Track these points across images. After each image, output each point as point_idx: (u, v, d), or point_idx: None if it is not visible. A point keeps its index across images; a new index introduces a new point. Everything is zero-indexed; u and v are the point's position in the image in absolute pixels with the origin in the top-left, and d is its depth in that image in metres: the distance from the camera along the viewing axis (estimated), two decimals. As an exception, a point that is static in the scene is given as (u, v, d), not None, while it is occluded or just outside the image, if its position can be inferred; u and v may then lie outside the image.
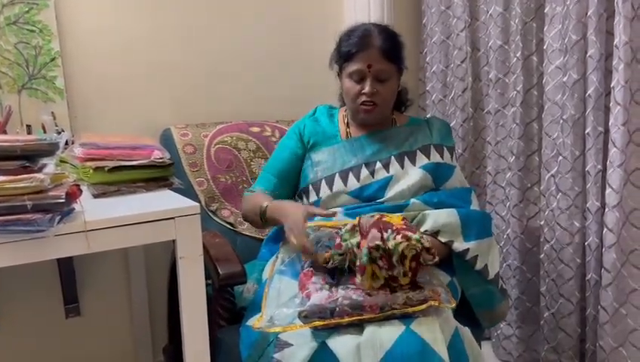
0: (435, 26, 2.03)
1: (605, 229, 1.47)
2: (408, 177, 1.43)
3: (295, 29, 1.98)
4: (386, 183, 1.43)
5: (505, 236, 1.89)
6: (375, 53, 1.40)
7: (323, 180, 1.46)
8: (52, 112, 1.59)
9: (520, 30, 1.74)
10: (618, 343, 1.48)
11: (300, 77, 1.96)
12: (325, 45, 1.51)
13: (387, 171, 1.45)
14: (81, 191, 1.07)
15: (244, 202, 1.52)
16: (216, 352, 1.26)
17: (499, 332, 1.94)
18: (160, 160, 1.30)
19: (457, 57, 1.98)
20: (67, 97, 1.63)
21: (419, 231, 1.26)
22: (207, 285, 1.20)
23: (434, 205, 1.39)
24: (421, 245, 1.13)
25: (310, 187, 1.48)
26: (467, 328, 1.17)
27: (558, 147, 1.64)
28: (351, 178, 1.45)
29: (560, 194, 1.64)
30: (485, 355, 1.24)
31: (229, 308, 1.35)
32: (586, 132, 1.55)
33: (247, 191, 1.55)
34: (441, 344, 1.06)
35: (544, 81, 1.68)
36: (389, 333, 1.07)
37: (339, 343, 1.08)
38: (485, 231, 1.38)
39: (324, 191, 1.45)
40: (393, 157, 1.46)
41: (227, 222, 1.67)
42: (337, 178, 1.45)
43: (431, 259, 1.16)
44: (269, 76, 1.95)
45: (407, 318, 1.11)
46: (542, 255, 1.73)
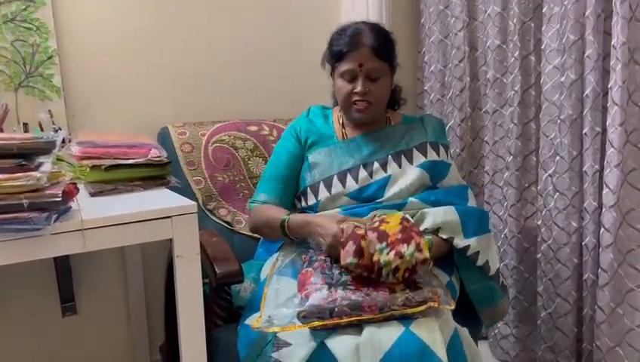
0: (434, 26, 2.03)
1: (602, 229, 1.48)
2: (406, 176, 1.43)
3: (294, 29, 1.97)
4: (385, 183, 1.43)
5: (502, 236, 1.89)
6: (366, 51, 1.39)
7: (321, 182, 1.45)
8: (49, 110, 1.58)
9: (518, 30, 1.74)
10: (615, 343, 1.49)
11: (298, 76, 1.96)
12: (323, 45, 1.50)
13: (385, 171, 1.44)
14: (77, 189, 1.07)
15: (254, 214, 1.47)
16: (212, 351, 1.26)
17: (496, 331, 1.94)
18: (157, 158, 1.30)
19: (455, 57, 1.98)
20: (64, 95, 1.62)
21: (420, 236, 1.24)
22: (204, 284, 1.20)
23: (431, 203, 1.39)
24: (415, 260, 1.13)
25: (308, 190, 1.46)
26: (465, 329, 1.17)
27: (556, 147, 1.64)
28: (349, 179, 1.44)
29: (557, 194, 1.65)
30: (483, 355, 1.24)
31: (226, 307, 1.34)
32: (584, 132, 1.56)
33: (252, 200, 1.50)
34: (440, 345, 1.06)
35: (542, 81, 1.68)
36: (389, 334, 1.07)
37: (338, 343, 1.08)
38: (484, 227, 1.39)
39: (322, 193, 1.44)
40: (390, 156, 1.46)
41: (224, 221, 1.66)
42: (335, 180, 1.44)
43: (427, 268, 1.15)
44: (267, 75, 1.94)
45: (406, 319, 1.11)
46: (539, 254, 1.73)
